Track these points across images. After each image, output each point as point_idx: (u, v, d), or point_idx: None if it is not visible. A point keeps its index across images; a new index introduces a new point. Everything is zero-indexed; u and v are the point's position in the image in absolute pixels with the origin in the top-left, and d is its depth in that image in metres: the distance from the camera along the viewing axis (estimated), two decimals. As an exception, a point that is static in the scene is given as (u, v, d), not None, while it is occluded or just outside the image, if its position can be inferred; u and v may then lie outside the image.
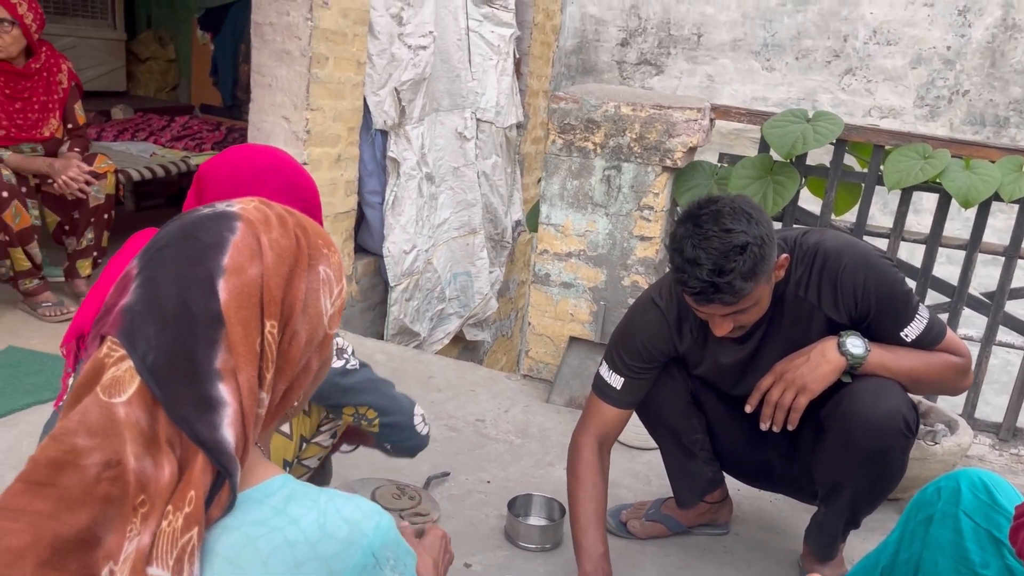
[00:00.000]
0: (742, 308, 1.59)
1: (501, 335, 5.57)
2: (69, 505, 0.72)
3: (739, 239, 1.51)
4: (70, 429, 0.73)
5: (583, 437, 1.84)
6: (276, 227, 0.80)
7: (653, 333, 1.80)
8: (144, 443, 0.72)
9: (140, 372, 0.73)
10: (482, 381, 3.02)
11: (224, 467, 0.73)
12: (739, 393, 1.84)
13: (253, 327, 0.76)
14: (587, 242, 2.86)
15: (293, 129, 3.15)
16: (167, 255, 0.77)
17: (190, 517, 0.71)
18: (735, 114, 2.84)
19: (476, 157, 4.42)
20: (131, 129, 4.45)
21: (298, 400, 0.84)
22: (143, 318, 0.74)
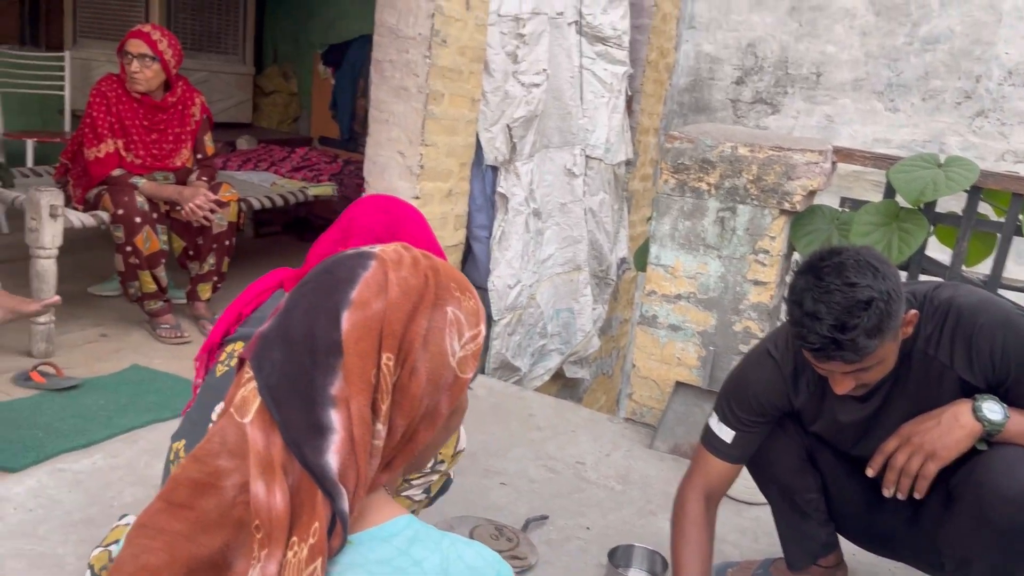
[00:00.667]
0: (865, 366, 1.50)
1: (601, 373, 5.49)
2: (205, 528, 0.75)
3: (864, 294, 1.42)
4: (213, 451, 0.77)
5: (689, 490, 1.77)
6: (407, 266, 0.83)
7: (768, 386, 1.72)
8: (260, 466, 0.75)
9: (261, 392, 0.77)
10: (583, 422, 2.97)
11: (327, 492, 0.74)
12: (859, 454, 1.73)
13: (370, 358, 0.78)
14: (698, 284, 2.78)
15: (407, 164, 3.21)
16: (306, 288, 0.82)
17: (314, 548, 0.73)
18: (859, 157, 2.72)
19: (584, 194, 4.41)
20: (254, 159, 4.65)
21: (428, 445, 0.85)
22: (272, 343, 0.79)
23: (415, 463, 0.88)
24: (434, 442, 0.86)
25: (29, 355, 2.85)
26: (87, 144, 3.16)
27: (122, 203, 3.03)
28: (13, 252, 3.68)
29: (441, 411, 0.84)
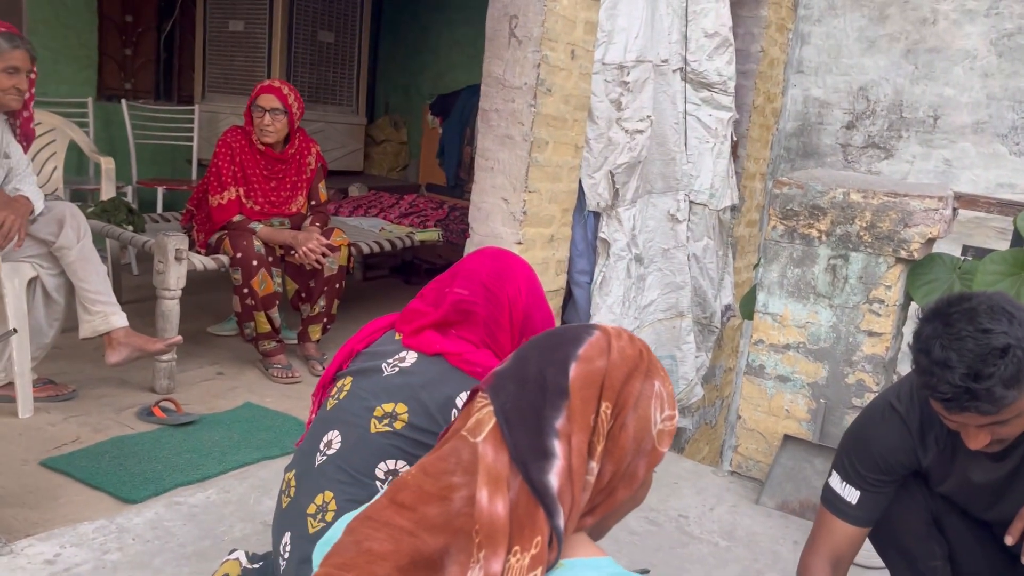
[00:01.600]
0: (1002, 419, 1.39)
1: (704, 423, 5.35)
2: (428, 528, 0.85)
3: (999, 340, 1.33)
4: (448, 469, 0.87)
5: (814, 557, 1.67)
6: (626, 339, 0.96)
7: (893, 442, 1.62)
8: (487, 476, 0.85)
9: (497, 415, 0.88)
10: (686, 474, 2.89)
11: (547, 507, 0.83)
12: (992, 518, 1.62)
13: (591, 405, 0.89)
14: (807, 334, 2.69)
15: (511, 210, 3.26)
16: (537, 344, 0.96)
17: (536, 558, 0.81)
18: (983, 203, 2.59)
19: (687, 239, 4.35)
20: (364, 206, 4.81)
21: (621, 504, 0.94)
22: (507, 379, 0.92)
23: (606, 520, 0.96)
24: (625, 506, 0.96)
25: (152, 391, 3.01)
26: (211, 191, 3.35)
27: (241, 247, 3.18)
28: (141, 293, 3.92)
29: (639, 474, 0.93)
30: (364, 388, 1.60)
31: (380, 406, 1.55)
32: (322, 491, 1.53)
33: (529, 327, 1.66)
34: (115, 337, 2.78)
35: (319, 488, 1.54)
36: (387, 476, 1.51)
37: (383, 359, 1.62)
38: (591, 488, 0.89)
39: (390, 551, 0.84)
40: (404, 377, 1.57)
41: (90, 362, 3.17)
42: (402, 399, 1.55)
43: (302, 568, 1.50)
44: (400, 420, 1.53)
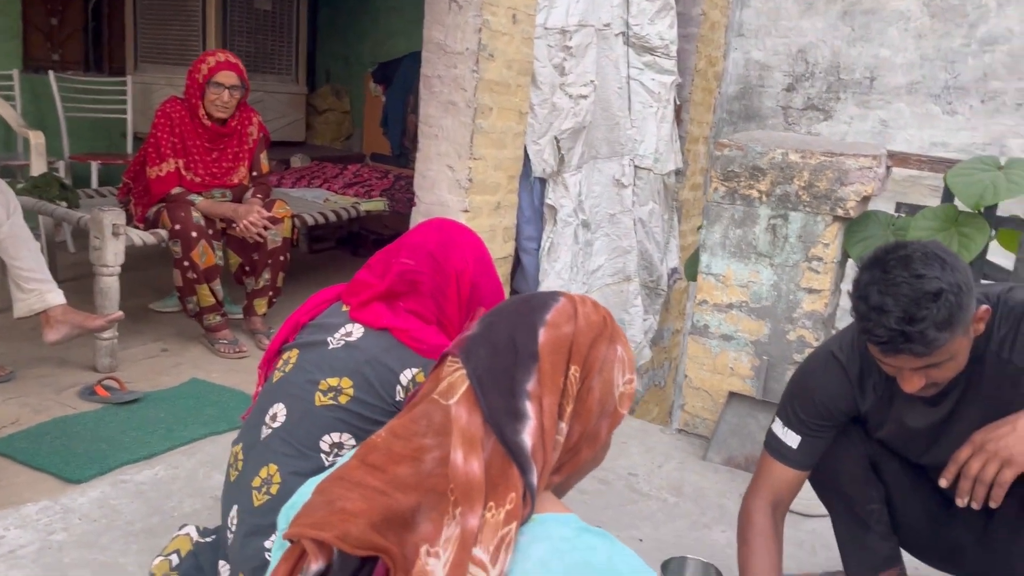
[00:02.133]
0: (935, 362, 1.45)
1: (654, 384, 5.44)
2: (400, 487, 0.87)
3: (932, 285, 1.38)
4: (418, 431, 0.90)
5: (755, 500, 1.72)
6: (590, 306, 1.00)
7: (834, 389, 1.68)
8: (463, 438, 0.87)
9: (470, 378, 0.91)
10: (634, 433, 2.94)
11: (521, 465, 0.87)
12: (927, 462, 1.68)
13: (560, 368, 0.93)
14: (750, 293, 2.75)
15: (456, 177, 3.24)
16: (504, 311, 0.99)
17: (511, 514, 0.84)
18: (915, 162, 2.66)
19: (633, 204, 4.39)
20: (307, 176, 4.74)
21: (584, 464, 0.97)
22: (478, 344, 0.95)
23: (571, 479, 1.00)
24: (588, 465, 0.99)
25: (94, 370, 2.95)
26: (149, 163, 3.27)
27: (179, 219, 3.12)
28: (78, 270, 3.82)
29: (601, 435, 0.97)
30: (309, 361, 1.59)
31: (325, 380, 1.55)
32: (267, 464, 1.52)
33: (477, 297, 1.67)
34: (52, 315, 2.71)
35: (264, 461, 1.53)
36: (332, 449, 1.52)
37: (329, 332, 1.61)
38: (560, 448, 0.93)
39: (363, 509, 0.85)
40: (350, 351, 1.56)
41: (27, 342, 3.08)
42: (347, 373, 1.54)
43: (248, 541, 1.50)
44: (345, 394, 1.53)
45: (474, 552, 0.83)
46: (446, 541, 0.84)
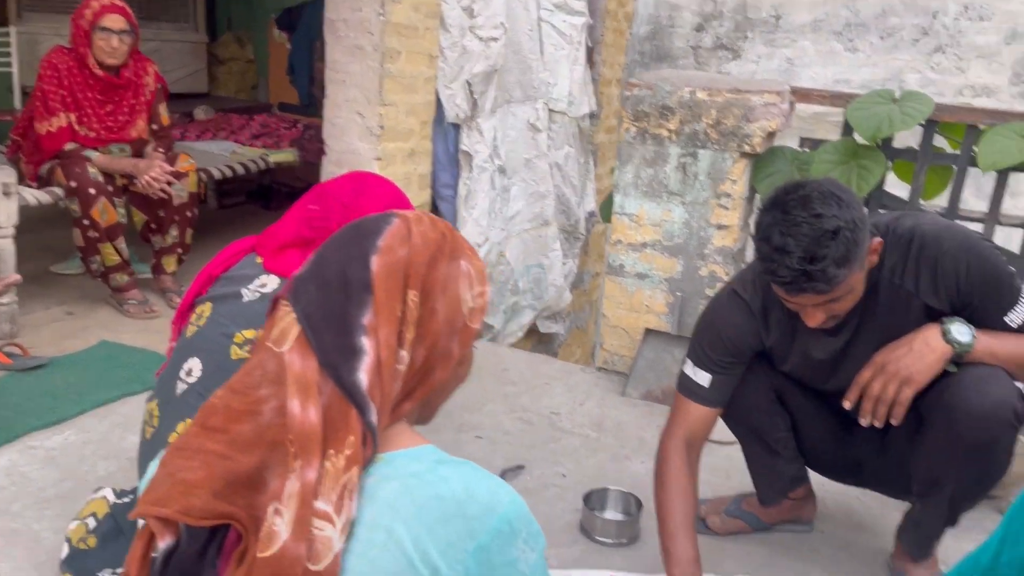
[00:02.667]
0: (835, 297, 1.52)
1: (576, 327, 5.53)
2: (241, 447, 0.83)
3: (830, 224, 1.44)
4: (252, 383, 0.86)
5: (670, 440, 1.76)
6: (427, 223, 0.95)
7: (739, 326, 1.73)
8: (297, 384, 0.84)
9: (300, 322, 0.88)
10: (557, 374, 3.00)
11: (358, 405, 0.84)
12: (832, 388, 1.76)
13: (396, 295, 0.89)
14: (663, 232, 2.80)
15: (367, 124, 3.18)
16: (335, 241, 0.94)
17: (350, 458, 0.82)
18: (816, 97, 2.73)
19: (548, 148, 4.39)
20: (212, 129, 4.57)
21: (442, 385, 0.95)
22: (307, 282, 0.91)
23: (430, 401, 0.98)
24: (449, 384, 0.97)
25: (-7, 337, 2.82)
26: (38, 118, 3.10)
27: (75, 175, 2.97)
28: (-30, 234, 3.60)
29: (454, 353, 0.94)
30: (223, 314, 1.56)
31: (240, 332, 1.52)
32: (183, 419, 1.50)
33: None
34: (-58, 282, 2.57)
35: (180, 416, 1.51)
36: None
37: (243, 284, 1.58)
38: (402, 376, 0.89)
39: (203, 478, 0.81)
40: (264, 303, 1.53)
41: (-83, 312, 2.91)
42: (262, 325, 1.52)
43: None
44: None
45: (316, 505, 0.80)
46: (288, 497, 0.80)
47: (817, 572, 1.91)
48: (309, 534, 0.79)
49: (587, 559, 1.91)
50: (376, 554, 0.81)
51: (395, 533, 0.81)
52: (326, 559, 0.79)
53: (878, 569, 1.93)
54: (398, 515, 0.81)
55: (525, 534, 0.86)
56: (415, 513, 0.81)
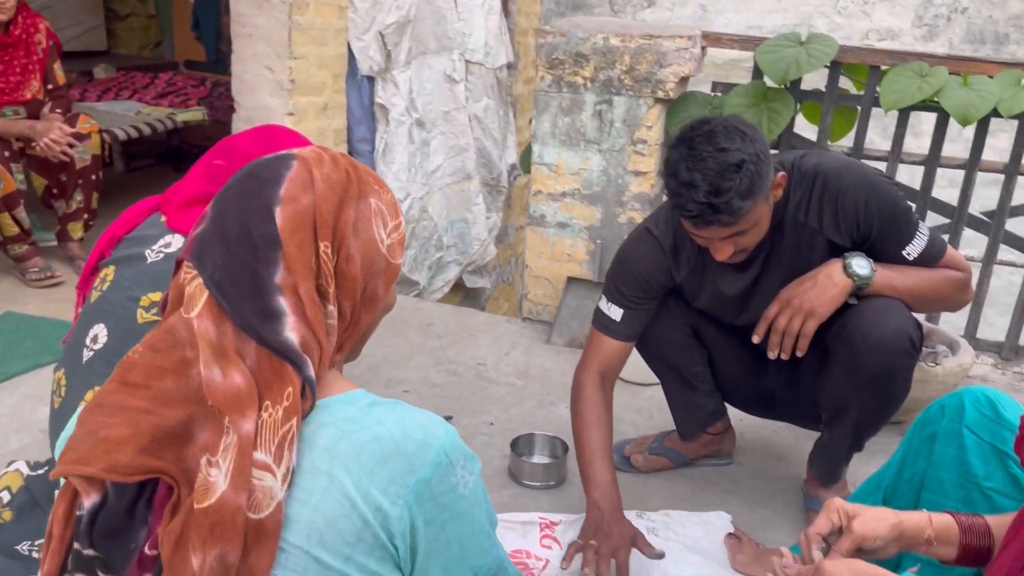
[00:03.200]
0: (741, 229, 1.56)
1: (502, 281, 5.55)
2: (166, 403, 0.81)
3: (734, 157, 1.48)
4: (178, 342, 0.83)
5: (584, 373, 1.82)
6: (328, 163, 0.90)
7: (650, 263, 1.77)
8: (213, 352, 0.81)
9: (208, 287, 0.83)
10: (482, 326, 3.01)
11: (294, 362, 0.82)
12: (743, 323, 1.82)
13: (308, 247, 0.85)
14: (581, 180, 2.82)
15: (277, 79, 3.09)
16: (233, 192, 0.88)
17: (289, 410, 0.81)
18: (726, 41, 2.77)
19: (467, 100, 4.35)
20: (114, 88, 4.37)
21: (369, 327, 0.95)
22: (210, 242, 0.85)
23: (359, 346, 0.97)
24: (373, 325, 0.96)
25: None
26: (-80, 81, 2.91)
27: (-33, 142, 2.82)
28: None
29: (379, 294, 0.93)
30: (127, 277, 1.51)
31: (146, 295, 1.47)
32: (92, 387, 1.45)
33: None
34: None
35: (89, 384, 1.46)
36: None
37: (147, 245, 1.53)
38: (336, 330, 0.88)
39: (128, 434, 0.79)
40: (170, 263, 1.49)
41: None
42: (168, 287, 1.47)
43: None
44: None
45: (255, 456, 0.79)
46: (224, 450, 0.79)
47: (737, 502, 1.99)
48: (249, 484, 0.78)
49: (516, 503, 1.95)
50: (318, 499, 0.81)
51: (336, 477, 0.81)
52: (268, 508, 0.79)
53: (793, 495, 2.03)
54: (337, 460, 0.81)
55: (462, 461, 0.88)
56: (354, 456, 0.81)
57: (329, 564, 0.80)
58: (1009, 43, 4.70)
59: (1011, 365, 2.81)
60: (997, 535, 1.15)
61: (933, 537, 1.16)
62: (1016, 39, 4.70)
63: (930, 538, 1.16)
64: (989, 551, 1.15)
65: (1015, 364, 2.81)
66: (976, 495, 1.32)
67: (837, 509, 1.18)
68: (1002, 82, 2.49)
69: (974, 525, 1.16)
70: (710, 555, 1.75)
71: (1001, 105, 2.46)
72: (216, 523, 0.77)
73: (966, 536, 1.15)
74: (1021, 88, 2.47)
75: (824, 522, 1.18)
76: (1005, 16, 4.68)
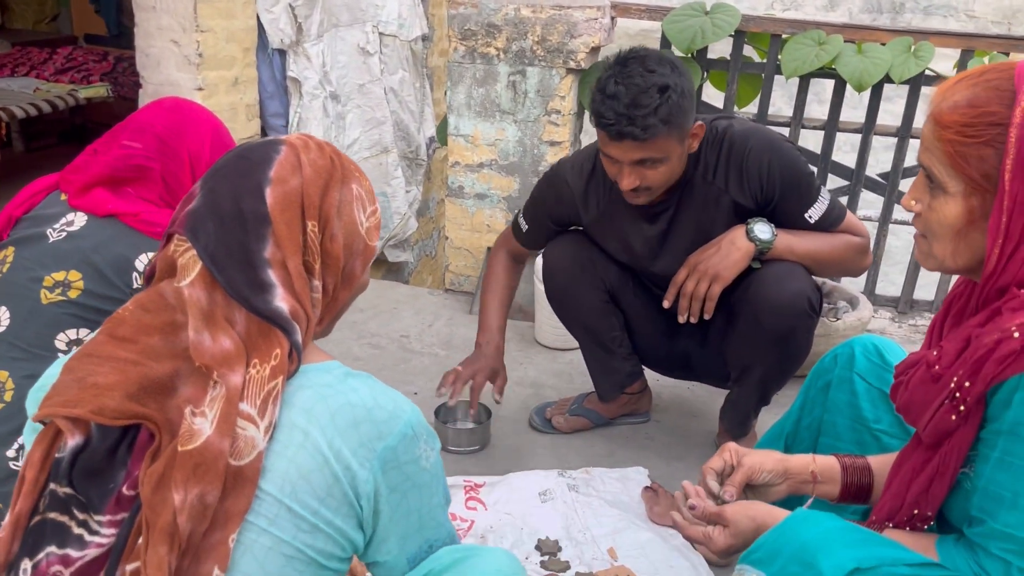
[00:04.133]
0: (652, 156, 1.62)
1: (425, 255, 5.55)
2: (152, 356, 0.86)
3: (660, 80, 1.57)
4: (168, 305, 0.88)
5: (496, 254, 2.08)
6: (314, 149, 0.97)
7: (558, 195, 1.91)
8: (203, 319, 0.86)
9: (202, 258, 0.89)
10: (404, 299, 3.02)
11: (283, 327, 0.88)
12: (651, 275, 1.90)
13: (296, 226, 0.91)
14: (498, 151, 2.84)
15: (184, 53, 3.00)
16: (224, 172, 0.94)
17: (275, 369, 0.86)
18: (635, 11, 2.82)
19: (382, 73, 4.30)
20: (10, 65, 4.17)
21: (344, 304, 1.02)
22: (204, 218, 0.90)
23: (334, 321, 1.03)
24: (348, 303, 1.03)
25: None
26: None
27: None
28: None
29: (356, 273, 0.99)
30: (28, 258, 1.47)
31: (49, 275, 1.44)
32: None
33: None
34: None
35: None
36: (70, 347, 1.44)
37: (48, 224, 1.49)
38: (320, 304, 0.95)
39: (118, 381, 0.84)
40: (73, 242, 1.46)
41: None
42: (73, 266, 1.44)
43: None
44: (74, 288, 1.43)
45: (241, 407, 0.84)
46: (211, 401, 0.84)
47: (653, 457, 2.07)
48: (233, 432, 0.83)
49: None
50: (294, 452, 0.86)
51: (311, 434, 0.87)
52: (249, 456, 0.84)
53: (707, 449, 2.12)
54: (313, 418, 0.87)
55: (425, 436, 0.94)
56: (329, 417, 0.87)
57: (300, 514, 0.86)
58: (904, 12, 4.91)
59: (906, 319, 2.98)
60: (878, 473, 1.24)
61: (817, 473, 1.25)
62: (911, 8, 4.91)
63: (814, 474, 1.25)
64: (870, 488, 1.24)
65: (910, 317, 2.98)
66: (867, 437, 1.42)
67: (730, 450, 1.27)
68: (894, 49, 2.61)
69: (855, 464, 1.25)
70: (628, 508, 1.82)
71: (893, 71, 2.59)
72: (199, 464, 0.82)
73: (847, 474, 1.25)
74: (911, 55, 2.60)
75: (718, 460, 1.27)
76: (900, -14, 4.88)
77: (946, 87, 1.01)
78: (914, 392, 1.06)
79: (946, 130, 0.98)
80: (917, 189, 1.05)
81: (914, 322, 2.96)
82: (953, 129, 0.97)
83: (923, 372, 1.04)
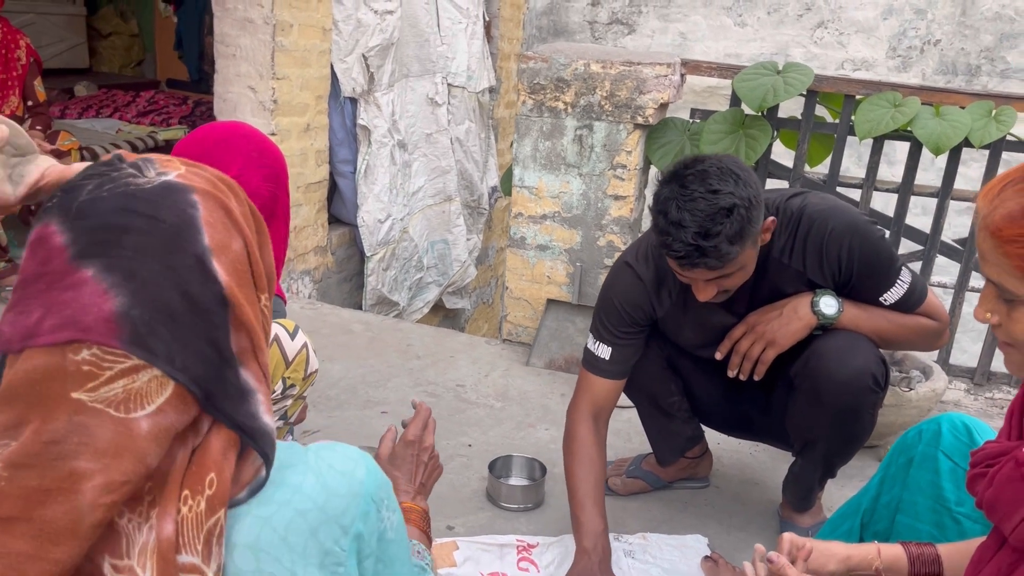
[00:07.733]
0: (727, 273, 1.55)
1: (482, 303, 5.56)
2: (54, 538, 0.62)
3: (726, 201, 1.45)
4: (64, 453, 0.62)
5: (576, 413, 1.79)
6: (223, 189, 0.73)
7: (632, 296, 1.76)
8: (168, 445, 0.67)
9: (173, 376, 0.66)
10: (461, 347, 3.01)
11: (266, 455, 0.72)
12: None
13: (253, 303, 0.72)
14: (561, 203, 2.84)
15: (260, 99, 3.10)
16: (136, 249, 0.66)
17: (213, 499, 0.68)
18: (705, 68, 2.81)
19: (449, 123, 4.38)
20: (95, 106, 4.36)
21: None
22: (147, 320, 0.65)
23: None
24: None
25: None
26: None
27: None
28: None
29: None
30: None
31: None
32: None
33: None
34: None
35: None
36: None
37: None
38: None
39: None
40: None
41: None
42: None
43: None
44: None
45: (180, 560, 0.66)
46: (142, 552, 0.65)
47: (713, 524, 1.99)
48: None
49: (494, 525, 1.94)
50: None
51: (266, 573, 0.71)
52: None
53: (769, 519, 2.04)
54: (263, 553, 0.71)
55: (385, 500, 0.81)
56: (280, 543, 0.72)
57: None
58: (980, 75, 4.81)
59: (983, 391, 2.85)
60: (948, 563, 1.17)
61: (881, 568, 1.18)
62: (987, 71, 4.81)
63: (878, 569, 1.18)
64: None
65: (987, 390, 2.85)
66: (947, 520, 1.34)
67: (786, 541, 1.21)
68: (973, 113, 2.54)
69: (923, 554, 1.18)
70: (687, 578, 1.75)
71: (972, 135, 2.52)
72: None
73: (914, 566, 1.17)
74: (992, 119, 2.53)
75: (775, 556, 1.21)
76: (976, 48, 4.79)
77: (992, 195, 0.97)
78: (1001, 490, 0.99)
79: (1010, 244, 0.94)
80: (989, 300, 1.01)
81: (991, 395, 2.82)
82: (1018, 243, 0.93)
83: (1011, 469, 0.98)
